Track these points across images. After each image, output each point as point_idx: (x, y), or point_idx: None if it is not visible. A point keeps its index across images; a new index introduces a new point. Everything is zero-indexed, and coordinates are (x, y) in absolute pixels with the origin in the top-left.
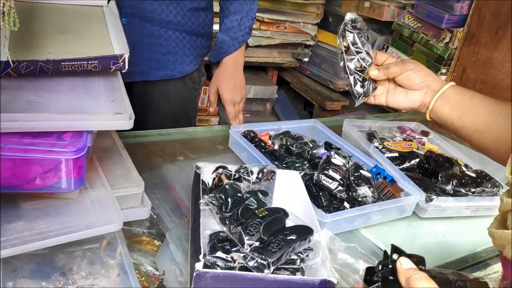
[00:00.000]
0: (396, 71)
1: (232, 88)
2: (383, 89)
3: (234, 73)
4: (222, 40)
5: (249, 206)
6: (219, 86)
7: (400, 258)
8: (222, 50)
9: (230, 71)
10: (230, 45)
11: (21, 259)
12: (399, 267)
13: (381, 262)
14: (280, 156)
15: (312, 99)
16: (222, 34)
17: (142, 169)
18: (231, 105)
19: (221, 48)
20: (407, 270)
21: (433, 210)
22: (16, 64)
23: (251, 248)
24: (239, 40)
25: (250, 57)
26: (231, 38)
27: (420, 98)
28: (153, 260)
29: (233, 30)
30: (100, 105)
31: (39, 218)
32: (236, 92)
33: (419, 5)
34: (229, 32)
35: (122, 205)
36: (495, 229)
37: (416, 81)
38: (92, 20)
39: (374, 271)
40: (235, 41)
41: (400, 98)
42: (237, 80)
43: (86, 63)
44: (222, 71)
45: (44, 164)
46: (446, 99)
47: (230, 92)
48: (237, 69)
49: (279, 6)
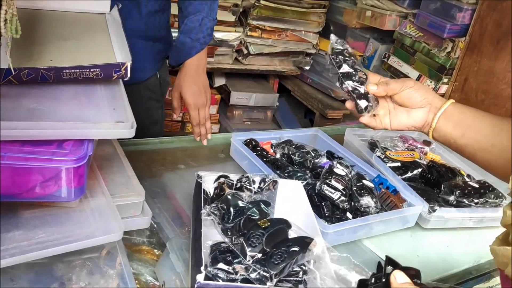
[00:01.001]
0: (395, 88)
1: (195, 92)
2: (384, 111)
3: (197, 76)
4: (183, 42)
5: (251, 217)
6: (181, 90)
7: (394, 272)
8: (184, 53)
9: (193, 74)
10: (191, 47)
11: (20, 268)
12: (393, 281)
13: (375, 274)
14: (282, 165)
15: (313, 107)
16: (183, 36)
17: (143, 177)
18: (195, 110)
19: (182, 51)
20: (401, 284)
21: (436, 221)
22: (17, 71)
23: (254, 259)
24: (201, 42)
25: (251, 65)
26: (192, 40)
27: (423, 116)
28: (153, 270)
29: (194, 31)
30: (101, 113)
31: (38, 227)
32: (200, 95)
33: (421, 14)
34: (189, 34)
35: (122, 214)
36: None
37: (417, 99)
38: (94, 28)
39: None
40: (197, 42)
41: (403, 118)
42: (200, 83)
43: (88, 71)
44: (184, 75)
45: (44, 172)
46: (448, 116)
47: (193, 96)
48: (200, 72)
49: (281, 14)
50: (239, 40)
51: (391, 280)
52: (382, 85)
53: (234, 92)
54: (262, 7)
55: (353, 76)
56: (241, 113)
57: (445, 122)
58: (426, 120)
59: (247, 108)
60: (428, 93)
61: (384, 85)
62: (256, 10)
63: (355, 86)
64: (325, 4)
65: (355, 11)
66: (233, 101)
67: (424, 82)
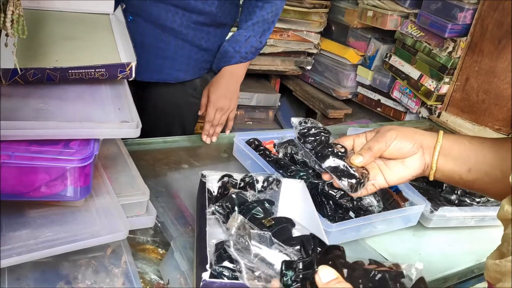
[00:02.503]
0: (381, 148)
1: (220, 94)
2: (375, 171)
3: (229, 82)
4: (226, 50)
5: (255, 216)
6: (210, 88)
7: (319, 269)
8: (223, 59)
9: (226, 78)
10: (231, 57)
11: (26, 267)
12: (318, 281)
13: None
14: (285, 165)
15: (314, 107)
16: (227, 45)
17: (147, 176)
18: (214, 109)
19: (222, 58)
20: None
21: (438, 220)
22: (23, 71)
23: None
24: (242, 55)
25: (253, 65)
26: (234, 51)
27: (420, 161)
28: (157, 268)
29: (239, 44)
30: (107, 113)
31: (44, 226)
32: (224, 99)
33: (422, 14)
34: (234, 45)
35: (127, 213)
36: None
37: (407, 147)
38: (98, 28)
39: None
40: (237, 54)
41: (399, 170)
42: (229, 90)
43: (93, 71)
44: (217, 77)
45: (51, 172)
46: (446, 153)
47: (216, 96)
48: (233, 80)
49: (282, 14)
50: None
51: (316, 281)
52: (366, 151)
53: None
54: None
55: (329, 154)
56: (242, 113)
57: (445, 160)
58: (425, 163)
59: (249, 108)
60: (415, 135)
61: (368, 151)
62: None
63: (335, 165)
64: (326, 4)
65: (356, 11)
66: None
67: (425, 82)
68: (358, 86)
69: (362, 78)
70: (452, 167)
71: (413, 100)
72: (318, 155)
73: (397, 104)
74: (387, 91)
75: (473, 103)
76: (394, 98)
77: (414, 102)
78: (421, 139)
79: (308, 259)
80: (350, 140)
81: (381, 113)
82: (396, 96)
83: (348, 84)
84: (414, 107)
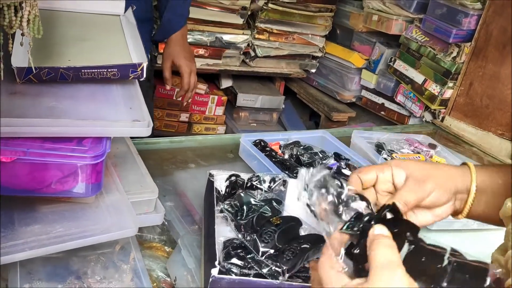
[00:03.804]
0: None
1: (188, 58)
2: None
3: (185, 45)
4: (168, 19)
5: (264, 214)
6: (174, 59)
7: (376, 225)
8: (170, 28)
9: (181, 43)
10: (177, 22)
11: (37, 261)
12: (370, 232)
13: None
14: (291, 166)
15: (318, 109)
16: (167, 13)
17: (154, 175)
18: (189, 76)
19: (167, 27)
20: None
21: (441, 222)
22: (38, 70)
23: (266, 255)
24: (186, 16)
25: (258, 67)
26: (177, 15)
27: (450, 209)
28: (164, 266)
29: (179, 7)
30: (118, 112)
31: (56, 221)
32: (191, 62)
33: (427, 19)
34: (175, 10)
35: (136, 211)
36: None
37: (444, 199)
38: (109, 29)
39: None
40: (182, 17)
41: (425, 217)
42: (189, 51)
43: (106, 71)
44: (174, 45)
45: (63, 168)
46: (479, 196)
47: (186, 63)
48: (186, 41)
49: (288, 18)
50: (247, 42)
51: (369, 232)
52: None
53: (241, 94)
54: (270, 10)
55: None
56: (247, 115)
57: (478, 203)
58: (455, 210)
59: (253, 110)
60: (448, 182)
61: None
62: (264, 13)
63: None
64: (332, 8)
65: (361, 15)
66: (240, 102)
67: (429, 86)
68: (362, 90)
69: (366, 81)
70: (484, 209)
71: (417, 104)
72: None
73: (401, 108)
74: (391, 95)
75: (476, 108)
76: (398, 102)
77: (418, 106)
78: (456, 183)
79: (377, 215)
80: (372, 174)
81: (385, 116)
82: (400, 100)
83: (352, 88)
84: (418, 111)
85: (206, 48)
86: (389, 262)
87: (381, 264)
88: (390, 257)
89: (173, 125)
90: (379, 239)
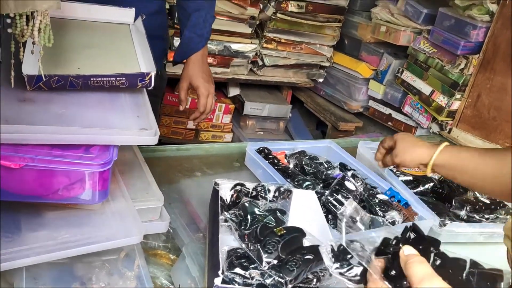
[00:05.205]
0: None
1: (206, 80)
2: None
3: (204, 66)
4: (189, 38)
5: (267, 224)
6: (192, 80)
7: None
8: (189, 48)
9: (201, 64)
10: (197, 42)
11: (42, 267)
12: (401, 254)
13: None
14: (292, 174)
15: (325, 119)
16: (188, 32)
17: (160, 183)
18: (206, 97)
19: (188, 46)
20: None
21: (446, 235)
22: (48, 78)
23: (269, 265)
24: (205, 37)
25: (265, 76)
26: (197, 35)
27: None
28: (168, 273)
29: (199, 26)
30: (126, 120)
31: (62, 227)
32: (210, 84)
33: (435, 31)
34: (195, 29)
35: (141, 218)
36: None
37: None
38: (119, 37)
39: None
40: (202, 38)
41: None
42: (208, 73)
43: (114, 80)
44: (192, 66)
45: (71, 175)
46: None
47: (204, 84)
48: (205, 63)
49: (296, 28)
50: (255, 51)
51: (400, 254)
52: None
53: (248, 102)
54: (279, 20)
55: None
56: (254, 123)
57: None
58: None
59: (260, 118)
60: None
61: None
62: (273, 23)
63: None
64: (340, 19)
65: (369, 26)
66: (247, 111)
67: (437, 98)
68: (370, 100)
69: (374, 92)
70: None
71: (424, 115)
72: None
73: (408, 119)
74: (398, 106)
75: (484, 120)
76: (405, 112)
77: (425, 117)
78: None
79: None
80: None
81: (392, 127)
82: (407, 111)
83: (360, 98)
84: (425, 122)
85: (214, 57)
86: (426, 274)
87: (419, 279)
88: (425, 270)
89: (181, 132)
90: (411, 259)
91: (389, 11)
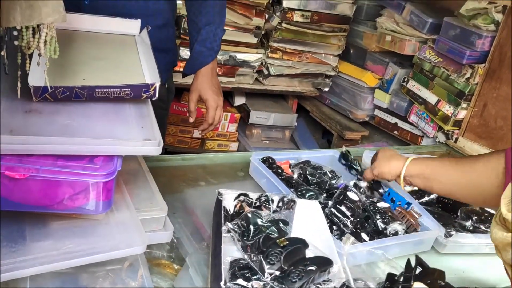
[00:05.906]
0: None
1: (215, 93)
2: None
3: (214, 79)
4: (199, 51)
5: (270, 235)
6: (201, 93)
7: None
8: (199, 61)
9: (210, 77)
10: (207, 56)
11: (46, 276)
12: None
13: (404, 273)
14: (296, 184)
15: (331, 128)
16: (198, 45)
17: (165, 192)
18: (215, 110)
19: (198, 59)
20: None
21: (452, 246)
22: (53, 89)
23: (272, 277)
24: (215, 50)
25: (271, 85)
26: (207, 49)
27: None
28: (172, 283)
29: (209, 40)
30: (130, 131)
31: (66, 237)
32: (219, 96)
33: (441, 40)
34: (205, 43)
35: (145, 228)
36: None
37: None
38: (124, 49)
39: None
40: (212, 51)
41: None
42: (217, 86)
43: (119, 90)
44: (202, 79)
45: (75, 186)
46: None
47: (213, 97)
48: (215, 76)
49: (302, 37)
50: (260, 61)
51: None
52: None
53: (254, 111)
54: (284, 30)
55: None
56: (259, 132)
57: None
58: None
59: (266, 127)
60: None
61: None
62: (278, 33)
63: None
64: (345, 28)
65: (375, 35)
66: (252, 120)
67: (442, 107)
68: (375, 109)
69: (379, 101)
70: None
71: (430, 125)
72: None
73: (414, 128)
74: (404, 115)
75: (490, 129)
76: (411, 122)
77: (431, 126)
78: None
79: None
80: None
81: (398, 136)
82: (413, 120)
83: (365, 107)
84: (431, 131)
85: (220, 66)
86: None
87: None
88: None
89: (186, 141)
90: None
91: (394, 20)
